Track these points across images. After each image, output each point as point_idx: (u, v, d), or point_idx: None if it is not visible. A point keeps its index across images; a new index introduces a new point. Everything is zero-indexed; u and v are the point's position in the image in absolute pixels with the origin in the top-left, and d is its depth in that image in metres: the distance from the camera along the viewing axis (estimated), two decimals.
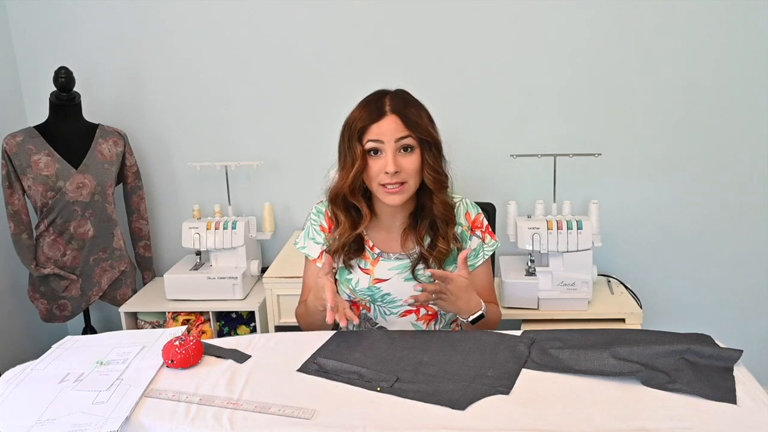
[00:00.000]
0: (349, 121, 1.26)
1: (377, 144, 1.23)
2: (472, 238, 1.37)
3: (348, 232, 1.30)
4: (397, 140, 1.22)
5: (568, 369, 1.02)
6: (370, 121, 1.23)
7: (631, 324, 1.88)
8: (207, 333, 2.10)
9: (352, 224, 1.31)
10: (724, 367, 1.00)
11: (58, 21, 2.23)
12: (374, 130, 1.22)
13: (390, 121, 1.22)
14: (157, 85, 2.27)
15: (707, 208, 2.18)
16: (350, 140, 1.24)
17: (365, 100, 1.28)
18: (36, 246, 2.11)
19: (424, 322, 1.38)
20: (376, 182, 1.25)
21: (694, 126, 2.11)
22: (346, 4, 2.13)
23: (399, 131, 1.22)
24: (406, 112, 1.23)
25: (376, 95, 1.28)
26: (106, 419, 0.92)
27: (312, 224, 1.40)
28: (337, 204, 1.31)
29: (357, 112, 1.26)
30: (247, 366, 1.09)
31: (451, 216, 1.32)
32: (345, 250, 1.32)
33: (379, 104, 1.24)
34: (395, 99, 1.26)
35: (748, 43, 2.03)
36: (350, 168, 1.24)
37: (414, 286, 1.21)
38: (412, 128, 1.23)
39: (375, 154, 1.24)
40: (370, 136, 1.23)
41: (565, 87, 2.12)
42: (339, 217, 1.32)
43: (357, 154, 1.23)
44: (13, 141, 2.02)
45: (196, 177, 2.31)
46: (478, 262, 1.37)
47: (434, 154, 1.26)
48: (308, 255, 1.39)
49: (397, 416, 0.92)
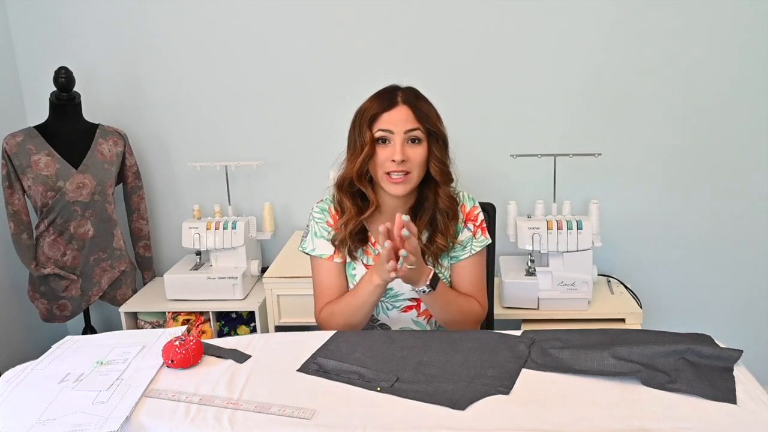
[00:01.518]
0: (361, 109, 1.30)
1: (386, 133, 1.26)
2: (463, 230, 1.38)
3: (354, 219, 1.32)
4: (406, 131, 1.26)
5: (568, 369, 1.02)
6: (381, 109, 1.27)
7: (631, 324, 1.88)
8: (207, 333, 2.10)
9: (358, 211, 1.33)
10: (724, 367, 1.00)
11: (58, 21, 2.23)
12: (385, 118, 1.26)
13: (401, 111, 1.27)
14: (157, 85, 2.27)
15: (707, 208, 2.18)
16: (361, 127, 1.27)
17: (378, 92, 1.32)
18: (36, 246, 2.11)
19: (425, 318, 1.39)
20: (381, 170, 1.27)
21: (694, 126, 2.11)
22: (346, 5, 2.13)
23: (409, 122, 1.26)
24: (417, 104, 1.28)
25: (388, 88, 1.32)
26: (106, 419, 0.92)
27: (317, 223, 1.39)
28: (344, 190, 1.33)
29: (369, 101, 1.30)
30: (247, 366, 1.09)
31: (454, 210, 1.34)
32: (351, 239, 1.33)
33: (391, 95, 1.29)
34: (407, 92, 1.30)
35: (748, 44, 2.02)
36: (359, 154, 1.27)
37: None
38: (422, 120, 1.27)
39: (383, 143, 1.27)
40: (381, 125, 1.26)
41: (566, 87, 2.12)
42: (345, 204, 1.33)
43: (366, 141, 1.26)
44: (13, 141, 2.02)
45: (196, 177, 2.31)
46: (463, 255, 1.37)
47: (441, 147, 1.30)
48: (321, 255, 1.37)
49: (397, 416, 0.92)
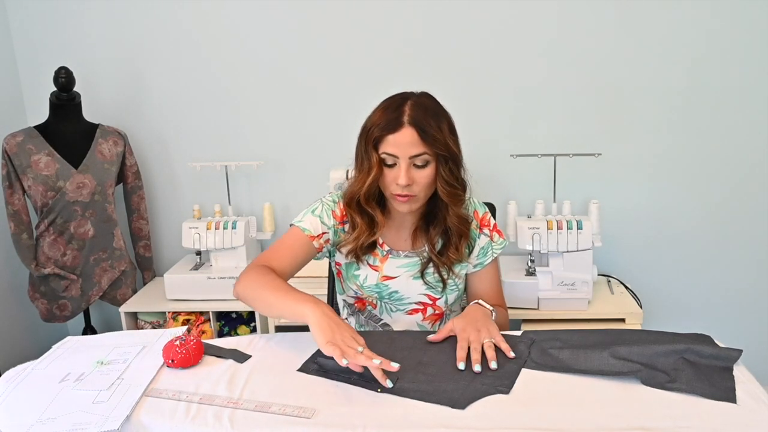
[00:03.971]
0: (368, 125, 1.24)
1: (392, 157, 1.21)
2: (480, 236, 1.37)
3: (366, 233, 1.29)
4: (411, 157, 1.20)
5: (568, 369, 1.02)
6: (387, 131, 1.20)
7: (631, 324, 1.88)
8: (207, 333, 2.11)
9: (368, 226, 1.30)
10: (724, 366, 1.00)
11: (58, 21, 2.24)
12: (390, 141, 1.20)
13: (406, 135, 1.19)
14: (157, 85, 2.28)
15: (707, 207, 2.18)
16: (366, 146, 1.23)
17: (385, 105, 1.24)
18: (36, 246, 2.11)
19: (430, 321, 1.38)
20: (388, 191, 1.25)
21: (694, 126, 2.11)
22: (346, 5, 2.13)
23: (414, 147, 1.19)
24: (424, 126, 1.19)
25: (396, 101, 1.23)
26: (106, 418, 0.92)
27: (325, 206, 1.34)
28: (353, 207, 1.30)
29: (376, 116, 1.23)
30: (247, 366, 1.09)
31: (465, 230, 1.31)
32: (361, 250, 1.31)
33: (397, 113, 1.20)
34: (415, 108, 1.21)
35: (748, 43, 2.03)
36: (366, 175, 1.23)
37: (422, 288, 1.23)
38: (429, 143, 1.19)
39: (389, 165, 1.23)
40: (386, 148, 1.21)
41: (565, 87, 2.12)
42: (355, 220, 1.31)
43: (373, 162, 1.22)
44: (13, 141, 2.02)
45: (196, 177, 2.31)
46: (486, 261, 1.38)
47: (450, 167, 1.24)
48: (305, 229, 1.30)
49: (397, 416, 0.92)
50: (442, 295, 1.35)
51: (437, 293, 1.34)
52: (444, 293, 1.34)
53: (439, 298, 1.35)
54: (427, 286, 1.33)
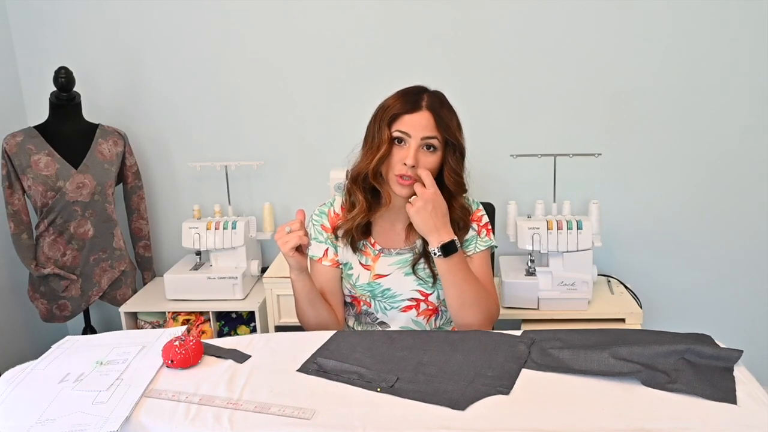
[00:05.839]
0: (384, 105, 1.29)
1: (404, 135, 1.25)
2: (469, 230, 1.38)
3: (365, 213, 1.32)
4: (423, 138, 1.25)
5: (568, 369, 1.02)
6: (404, 111, 1.25)
7: (631, 324, 1.88)
8: (207, 333, 2.11)
9: (368, 206, 1.33)
10: (724, 367, 1.00)
11: (58, 21, 2.23)
12: (406, 120, 1.25)
13: (423, 116, 1.25)
14: (157, 85, 2.27)
15: (707, 208, 2.18)
16: (380, 123, 1.26)
17: (404, 90, 1.30)
18: (36, 246, 2.11)
19: (424, 317, 1.39)
20: (393, 171, 1.27)
21: (695, 126, 2.11)
22: (345, 6, 2.13)
23: (428, 129, 1.25)
24: (440, 112, 1.26)
25: (415, 89, 1.30)
26: (105, 419, 0.92)
27: (314, 224, 1.41)
28: (357, 184, 1.32)
29: (393, 99, 1.29)
30: (247, 366, 1.09)
31: (467, 220, 1.35)
32: (356, 231, 1.34)
33: (416, 98, 1.27)
34: (433, 97, 1.29)
35: (748, 43, 2.02)
36: (375, 151, 1.26)
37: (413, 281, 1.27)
38: (442, 129, 1.25)
39: (399, 143, 1.26)
40: (400, 126, 1.25)
41: (566, 87, 2.12)
42: (357, 198, 1.33)
43: (384, 139, 1.25)
44: (13, 141, 2.02)
45: (196, 177, 2.31)
46: (468, 252, 1.38)
47: (457, 158, 1.29)
48: (312, 255, 1.39)
49: (397, 416, 0.92)
50: (433, 290, 1.36)
51: (428, 288, 1.36)
52: (435, 288, 1.36)
53: (431, 293, 1.36)
54: (418, 281, 1.35)
